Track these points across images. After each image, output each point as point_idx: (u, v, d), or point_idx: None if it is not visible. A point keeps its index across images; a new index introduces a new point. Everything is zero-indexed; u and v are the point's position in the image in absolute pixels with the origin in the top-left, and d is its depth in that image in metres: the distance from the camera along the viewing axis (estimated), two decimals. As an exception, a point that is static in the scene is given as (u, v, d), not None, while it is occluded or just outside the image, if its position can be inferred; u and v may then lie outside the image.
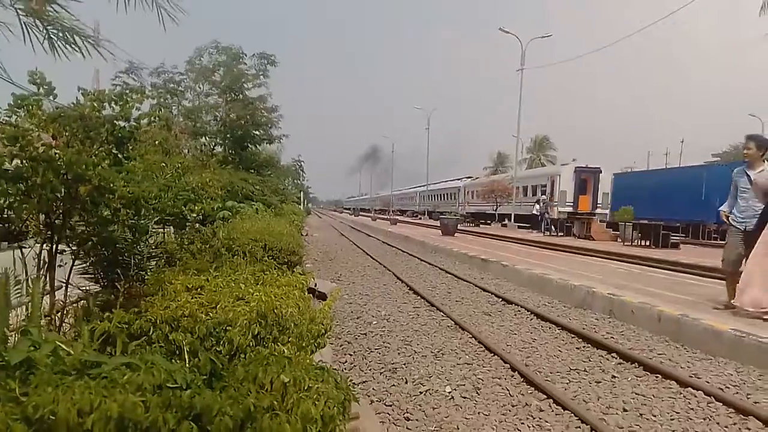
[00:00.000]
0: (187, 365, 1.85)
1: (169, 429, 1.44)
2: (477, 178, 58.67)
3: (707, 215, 26.03)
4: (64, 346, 1.85)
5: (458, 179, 59.24)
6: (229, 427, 1.48)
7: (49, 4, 4.23)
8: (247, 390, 1.59)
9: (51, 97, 4.29)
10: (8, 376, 1.56)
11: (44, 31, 4.27)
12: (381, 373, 5.74)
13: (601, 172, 35.79)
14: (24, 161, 3.90)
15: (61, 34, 4.35)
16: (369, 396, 5.07)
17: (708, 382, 5.41)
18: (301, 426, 1.59)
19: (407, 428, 4.37)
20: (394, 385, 5.39)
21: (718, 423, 4.46)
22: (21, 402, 1.43)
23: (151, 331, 2.94)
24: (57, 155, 3.94)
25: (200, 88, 16.44)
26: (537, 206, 30.55)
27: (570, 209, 34.07)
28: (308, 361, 2.37)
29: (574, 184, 35.54)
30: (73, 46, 4.42)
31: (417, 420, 4.52)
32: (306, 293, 4.66)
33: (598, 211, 33.87)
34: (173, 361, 1.98)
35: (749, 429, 4.34)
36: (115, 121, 4.63)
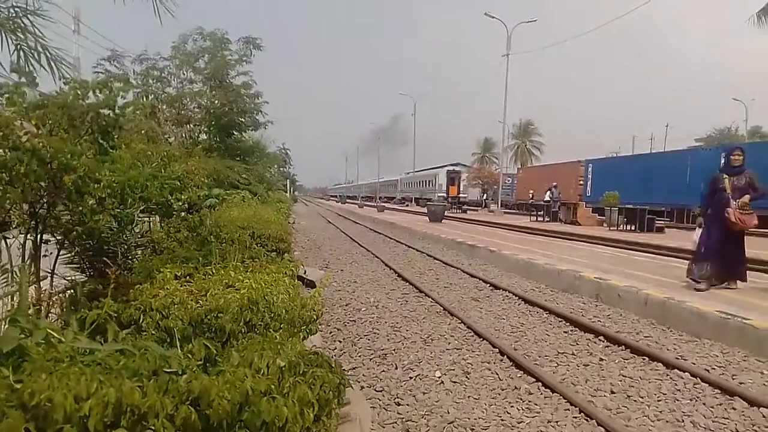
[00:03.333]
0: (181, 352, 1.85)
1: (167, 414, 1.44)
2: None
3: (691, 199, 26.36)
4: (55, 334, 1.83)
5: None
6: (227, 411, 1.48)
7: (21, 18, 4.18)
8: (243, 374, 1.58)
9: (32, 87, 4.22)
10: (1, 363, 1.54)
11: (15, 43, 4.22)
12: (371, 359, 5.77)
13: (460, 172, 54.57)
14: (6, 150, 3.84)
15: (32, 51, 4.31)
16: (359, 382, 5.09)
17: (694, 364, 5.49)
18: (298, 409, 1.59)
19: (398, 413, 4.39)
20: (384, 370, 5.42)
21: (704, 404, 4.54)
22: (15, 389, 1.42)
23: (141, 319, 2.93)
24: (41, 144, 3.88)
25: (184, 74, 16.19)
26: (548, 194, 30.71)
27: (444, 194, 49.20)
28: (300, 347, 2.37)
29: (446, 180, 52.16)
30: (40, 63, 4.39)
31: (407, 405, 4.55)
32: (296, 280, 4.66)
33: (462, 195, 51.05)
34: (166, 348, 1.98)
35: (735, 409, 4.41)
36: (99, 110, 4.58)
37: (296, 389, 1.64)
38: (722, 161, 8.36)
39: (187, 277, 3.95)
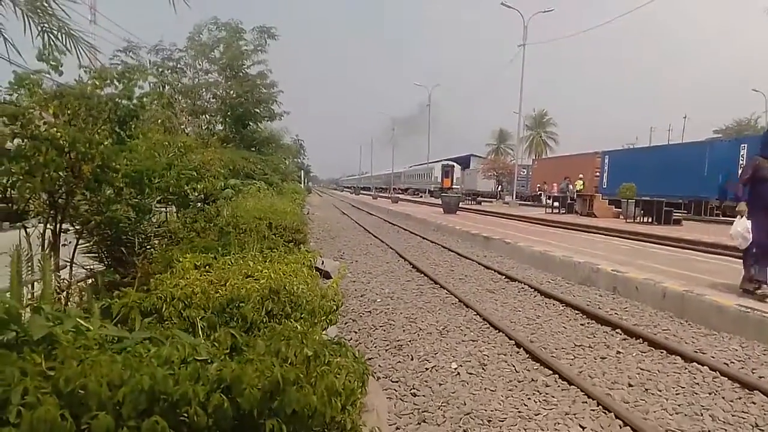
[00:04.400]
0: (206, 341, 1.86)
1: (199, 401, 1.44)
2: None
3: (709, 192, 26.06)
4: (82, 322, 1.84)
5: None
6: (258, 399, 1.48)
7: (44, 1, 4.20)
8: (271, 363, 1.59)
9: (56, 74, 4.25)
10: (32, 351, 1.56)
11: (39, 27, 4.24)
12: (386, 350, 5.78)
13: (454, 166, 60.98)
14: (25, 140, 3.88)
15: (56, 32, 4.33)
16: (375, 373, 5.09)
17: (713, 357, 5.45)
18: (327, 398, 1.59)
19: (414, 404, 4.40)
20: (399, 361, 5.42)
21: (723, 397, 4.50)
22: (49, 376, 1.43)
23: (162, 309, 2.95)
24: (59, 134, 3.92)
25: (199, 65, 16.26)
26: (555, 186, 30.58)
27: (439, 185, 57.06)
28: (322, 337, 2.38)
29: (441, 173, 59.15)
30: (65, 46, 4.41)
31: (424, 396, 4.56)
32: (314, 271, 4.67)
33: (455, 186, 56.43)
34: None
35: (754, 403, 4.37)
36: (117, 100, 4.60)
37: (324, 378, 1.64)
38: (760, 145, 7.53)
39: (206, 267, 3.97)
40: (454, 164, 62.27)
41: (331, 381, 1.63)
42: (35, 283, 3.64)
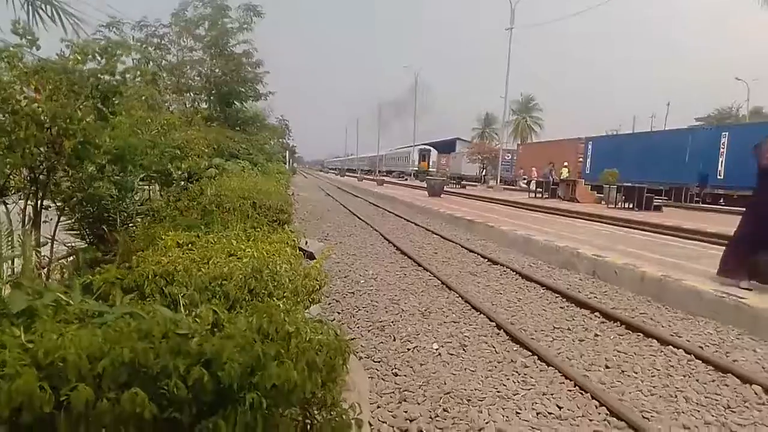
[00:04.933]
0: (186, 317, 1.86)
1: (179, 374, 1.46)
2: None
3: (690, 178, 26.40)
4: (63, 297, 1.84)
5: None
6: (239, 373, 1.50)
7: None
8: (252, 339, 1.60)
9: (34, 49, 4.17)
10: (12, 324, 1.56)
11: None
12: (369, 331, 5.82)
13: (430, 150, 67.60)
14: (5, 115, 3.81)
15: (39, 4, 4.23)
16: (357, 353, 5.13)
17: (688, 341, 5.56)
18: (307, 373, 1.61)
19: (395, 383, 4.44)
20: (382, 342, 5.47)
21: (697, 380, 4.60)
22: (28, 348, 1.44)
23: (144, 285, 2.94)
24: (40, 108, 3.85)
25: (184, 42, 16.00)
26: (535, 172, 30.79)
27: (417, 168, 63.99)
28: (302, 315, 2.39)
29: (418, 157, 66.23)
30: (51, 18, 4.31)
31: (405, 375, 4.61)
32: (297, 251, 4.68)
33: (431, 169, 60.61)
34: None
35: (727, 386, 4.48)
36: (99, 75, 4.52)
37: (305, 354, 1.66)
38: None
39: (189, 245, 3.96)
40: (431, 148, 69.27)
41: (311, 357, 1.65)
42: (15, 260, 3.62)
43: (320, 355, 1.71)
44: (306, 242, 7.80)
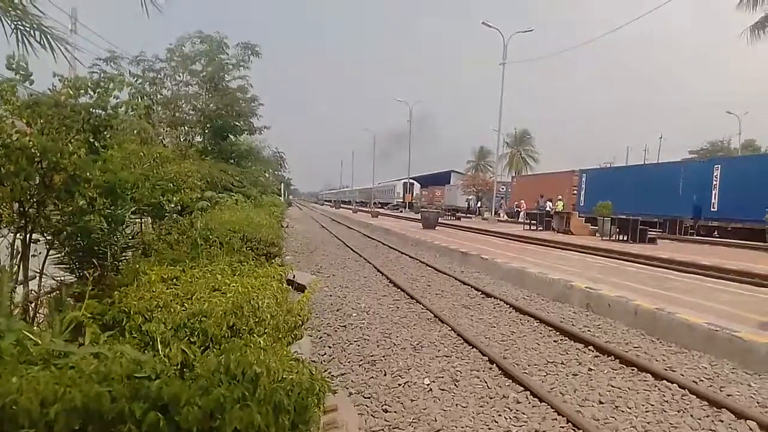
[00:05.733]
0: (160, 356, 1.82)
1: (135, 420, 1.41)
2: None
3: (684, 211, 26.50)
4: (31, 336, 1.80)
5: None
6: (198, 418, 1.45)
7: None
8: (219, 380, 1.56)
9: (27, 84, 4.19)
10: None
11: (13, 26, 4.17)
12: (360, 365, 5.75)
13: (414, 184, 72.70)
14: (-3, 148, 3.81)
15: (29, 30, 4.26)
16: (348, 388, 5.07)
17: (683, 375, 5.50)
18: (272, 417, 1.57)
19: (385, 420, 4.37)
20: (372, 377, 5.40)
21: (691, 415, 4.54)
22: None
23: (124, 322, 2.89)
24: (31, 142, 3.85)
25: (179, 76, 16.16)
26: (548, 204, 30.88)
27: (401, 200, 70.10)
28: (284, 352, 2.35)
29: (403, 189, 71.82)
30: (41, 44, 4.34)
31: (395, 412, 4.54)
32: (284, 285, 4.63)
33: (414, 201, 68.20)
34: (146, 351, 1.95)
35: (722, 421, 4.42)
36: (91, 109, 4.54)
37: (273, 396, 1.61)
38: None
39: (174, 280, 3.92)
40: (414, 182, 74.71)
41: (279, 399, 1.60)
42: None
43: (291, 396, 1.67)
44: (293, 275, 7.74)
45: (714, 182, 24.99)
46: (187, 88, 16.37)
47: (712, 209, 25.33)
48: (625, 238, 20.98)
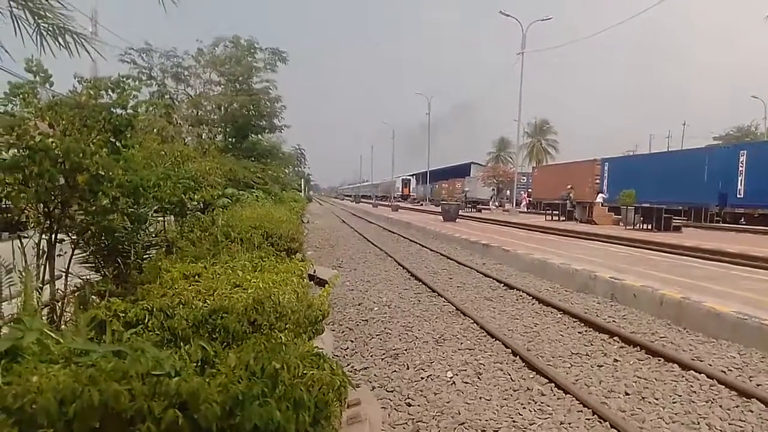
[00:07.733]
0: (181, 352, 1.82)
1: (154, 418, 1.41)
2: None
3: (709, 198, 26.00)
4: (53, 335, 1.82)
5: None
6: (217, 415, 1.45)
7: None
8: (238, 377, 1.56)
9: (47, 86, 4.25)
10: (-5, 364, 1.53)
11: (35, 25, 4.21)
12: (382, 359, 5.73)
13: (410, 179, 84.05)
14: (21, 150, 3.87)
15: (51, 30, 4.30)
16: (370, 382, 5.06)
17: (710, 365, 5.39)
18: (292, 413, 1.56)
19: (408, 413, 4.35)
20: (395, 371, 5.38)
21: (720, 406, 4.44)
22: (2, 391, 1.40)
23: (146, 319, 2.91)
24: (54, 144, 3.91)
25: (206, 75, 16.39)
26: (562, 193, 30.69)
27: (400, 194, 76.54)
28: (307, 347, 2.34)
29: (401, 184, 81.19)
30: (61, 43, 4.39)
31: (418, 405, 4.51)
32: (305, 280, 4.64)
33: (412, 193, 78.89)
34: (168, 348, 1.95)
35: (752, 411, 4.32)
36: (112, 109, 4.59)
37: (292, 392, 1.61)
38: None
39: (196, 277, 3.95)
40: (411, 178, 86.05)
41: (299, 395, 1.59)
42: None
43: (311, 392, 1.66)
44: (314, 270, 7.76)
45: (740, 168, 24.48)
46: (212, 87, 16.59)
47: (738, 196, 24.81)
48: (650, 227, 20.67)
